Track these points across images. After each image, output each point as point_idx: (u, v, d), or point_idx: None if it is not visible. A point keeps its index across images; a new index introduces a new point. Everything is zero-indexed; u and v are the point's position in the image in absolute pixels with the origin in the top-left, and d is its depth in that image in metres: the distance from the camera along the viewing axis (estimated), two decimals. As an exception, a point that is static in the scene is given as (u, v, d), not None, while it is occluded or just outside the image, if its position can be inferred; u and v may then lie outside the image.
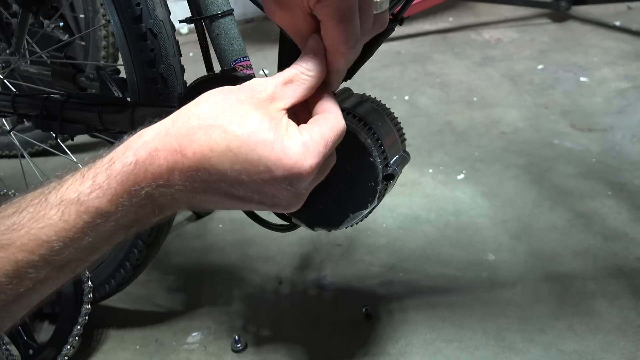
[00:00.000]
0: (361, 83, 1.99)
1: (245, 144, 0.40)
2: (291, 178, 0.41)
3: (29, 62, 1.18)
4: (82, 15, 1.67)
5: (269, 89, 0.44)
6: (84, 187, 0.40)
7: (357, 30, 0.45)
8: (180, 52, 0.85)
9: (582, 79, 1.88)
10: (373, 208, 0.63)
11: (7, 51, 1.10)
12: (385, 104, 0.67)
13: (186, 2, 0.72)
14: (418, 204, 1.33)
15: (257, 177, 0.41)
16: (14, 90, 1.11)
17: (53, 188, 0.42)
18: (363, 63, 0.58)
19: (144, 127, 0.43)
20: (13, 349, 0.98)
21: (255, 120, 0.41)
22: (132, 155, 0.41)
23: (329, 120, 0.45)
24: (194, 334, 1.04)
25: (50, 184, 0.42)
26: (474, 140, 1.58)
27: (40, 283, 0.41)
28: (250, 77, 0.64)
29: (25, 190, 0.43)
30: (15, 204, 0.42)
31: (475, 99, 1.84)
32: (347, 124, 0.58)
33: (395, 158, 0.63)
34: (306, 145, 0.42)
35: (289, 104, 0.44)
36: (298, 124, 0.45)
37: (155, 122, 0.43)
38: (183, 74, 0.87)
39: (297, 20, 0.46)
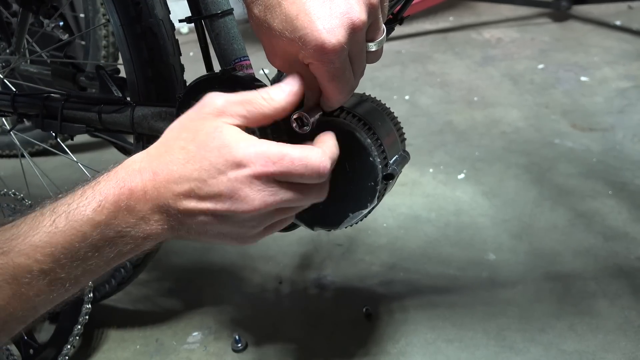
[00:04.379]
0: (361, 82, 1.97)
1: (199, 155, 0.46)
2: (236, 166, 0.45)
3: (29, 61, 1.18)
4: (82, 15, 1.68)
5: (217, 104, 0.48)
6: (72, 199, 0.47)
7: (351, 83, 0.49)
8: (180, 51, 0.85)
9: (583, 78, 1.88)
10: (373, 208, 0.62)
11: (7, 50, 1.10)
12: (385, 104, 0.66)
13: (186, 2, 0.72)
14: (418, 203, 1.33)
15: (211, 177, 0.45)
16: (14, 89, 1.11)
17: (48, 204, 0.47)
18: None
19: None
20: (13, 349, 0.98)
21: (203, 134, 0.46)
22: (113, 176, 0.48)
23: (307, 150, 0.47)
24: (194, 333, 1.04)
25: (46, 204, 0.48)
26: (474, 139, 1.58)
27: (36, 295, 0.45)
28: (250, 76, 0.64)
29: (25, 190, 0.46)
30: (15, 221, 0.47)
31: (475, 98, 1.84)
32: (346, 123, 0.58)
33: (395, 158, 0.63)
34: (255, 147, 0.46)
35: (238, 121, 0.47)
36: None
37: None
38: (183, 74, 0.87)
39: (295, 69, 0.49)
